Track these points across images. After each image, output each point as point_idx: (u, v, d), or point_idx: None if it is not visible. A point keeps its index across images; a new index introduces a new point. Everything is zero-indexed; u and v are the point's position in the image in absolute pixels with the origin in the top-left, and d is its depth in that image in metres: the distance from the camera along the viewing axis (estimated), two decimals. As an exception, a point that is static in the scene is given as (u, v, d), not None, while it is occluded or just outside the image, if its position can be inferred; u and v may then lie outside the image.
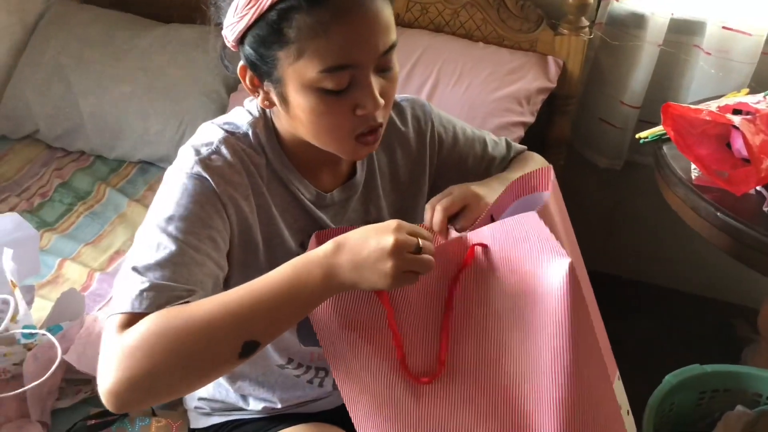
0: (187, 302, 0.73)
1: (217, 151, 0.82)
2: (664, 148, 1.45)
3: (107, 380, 0.69)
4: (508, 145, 1.10)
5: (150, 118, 1.79)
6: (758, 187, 1.28)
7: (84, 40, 1.90)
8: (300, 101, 0.77)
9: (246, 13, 0.74)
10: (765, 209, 1.25)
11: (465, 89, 1.68)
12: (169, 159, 1.79)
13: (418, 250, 0.70)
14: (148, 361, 0.67)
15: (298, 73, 0.75)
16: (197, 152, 0.81)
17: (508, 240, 0.75)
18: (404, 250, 0.70)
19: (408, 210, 0.99)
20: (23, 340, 1.10)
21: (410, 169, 0.99)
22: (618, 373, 0.86)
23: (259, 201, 0.85)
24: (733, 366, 1.44)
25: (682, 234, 2.00)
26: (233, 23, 0.77)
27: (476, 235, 0.78)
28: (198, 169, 0.79)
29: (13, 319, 1.06)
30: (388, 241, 0.69)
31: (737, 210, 1.25)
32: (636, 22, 1.77)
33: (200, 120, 0.85)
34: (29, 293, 1.20)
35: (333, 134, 0.80)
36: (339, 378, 0.77)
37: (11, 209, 1.60)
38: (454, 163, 1.02)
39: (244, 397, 1.02)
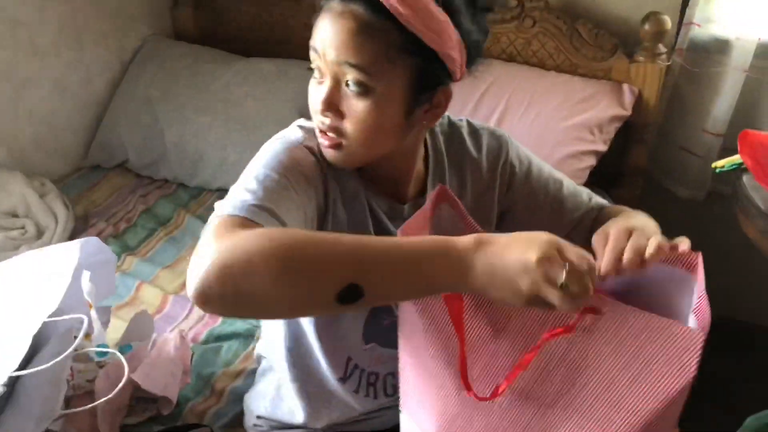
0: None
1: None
2: (744, 178, 1.37)
3: (198, 268, 0.65)
4: (589, 195, 1.07)
5: (227, 148, 1.88)
6: None
7: (172, 74, 2.02)
8: None
9: None
10: None
11: (534, 118, 1.67)
12: (245, 187, 1.88)
13: (565, 285, 0.62)
14: (247, 254, 0.64)
15: None
16: (303, 129, 0.89)
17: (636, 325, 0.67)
18: (544, 280, 0.63)
19: None
20: (96, 358, 1.17)
21: (478, 195, 1.00)
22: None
23: (351, 188, 0.90)
24: (821, 410, 1.33)
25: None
26: None
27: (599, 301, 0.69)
28: (307, 143, 0.87)
29: (88, 337, 1.13)
30: (531, 257, 0.62)
31: (822, 245, 1.17)
32: (719, 47, 1.70)
33: (275, 151, 0.91)
34: (105, 314, 1.27)
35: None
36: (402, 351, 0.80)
37: (99, 234, 1.71)
38: (524, 196, 1.02)
39: (296, 409, 1.05)
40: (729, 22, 1.68)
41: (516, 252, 0.63)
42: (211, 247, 0.66)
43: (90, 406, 1.10)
